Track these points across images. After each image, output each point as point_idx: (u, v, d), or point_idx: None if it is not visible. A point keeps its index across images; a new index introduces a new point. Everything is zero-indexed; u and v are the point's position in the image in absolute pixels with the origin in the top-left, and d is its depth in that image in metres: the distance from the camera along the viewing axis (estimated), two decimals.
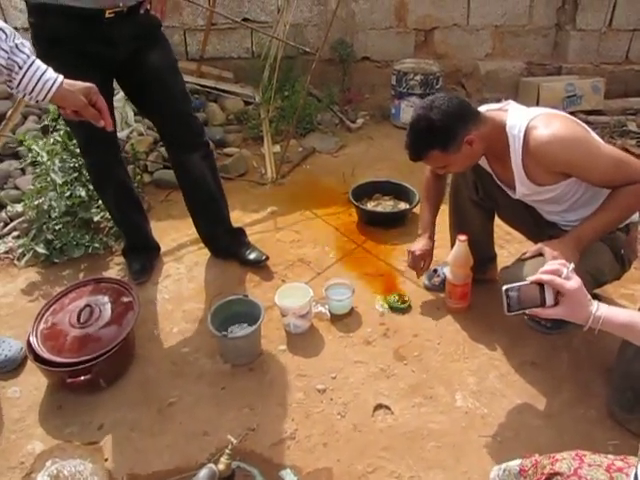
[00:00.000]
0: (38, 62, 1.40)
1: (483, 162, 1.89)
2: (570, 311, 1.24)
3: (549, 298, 1.24)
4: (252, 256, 2.43)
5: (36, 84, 1.38)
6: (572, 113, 1.77)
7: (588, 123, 3.65)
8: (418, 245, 2.14)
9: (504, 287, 1.27)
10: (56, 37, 1.84)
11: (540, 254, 1.69)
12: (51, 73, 1.42)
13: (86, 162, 2.24)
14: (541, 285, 1.25)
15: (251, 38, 4.16)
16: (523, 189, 1.76)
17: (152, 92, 2.07)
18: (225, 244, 2.47)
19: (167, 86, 2.07)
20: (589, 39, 4.17)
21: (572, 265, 1.26)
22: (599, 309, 1.23)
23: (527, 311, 1.28)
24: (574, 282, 1.23)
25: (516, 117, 1.70)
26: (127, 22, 1.88)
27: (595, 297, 2.04)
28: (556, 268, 1.24)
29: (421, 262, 2.13)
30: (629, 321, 1.21)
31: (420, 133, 1.71)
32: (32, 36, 1.88)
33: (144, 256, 2.45)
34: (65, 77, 1.90)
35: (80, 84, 1.46)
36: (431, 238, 2.15)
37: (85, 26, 1.82)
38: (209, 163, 2.28)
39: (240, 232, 2.51)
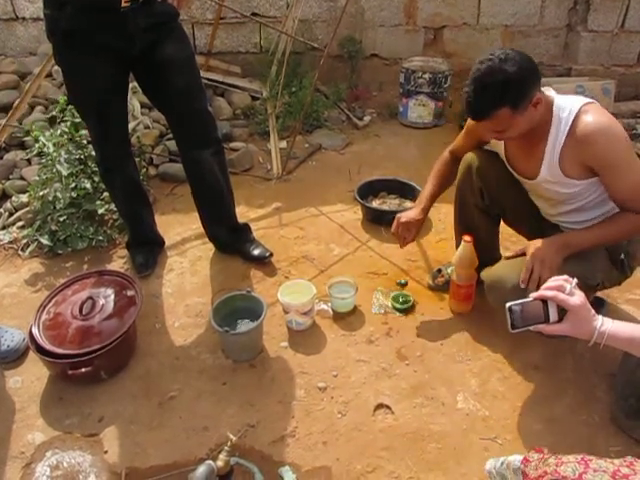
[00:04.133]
0: None
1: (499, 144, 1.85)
2: (574, 327, 1.23)
3: (553, 314, 1.23)
4: (256, 252, 2.42)
5: None
6: None
7: None
8: (407, 213, 2.03)
9: (507, 304, 1.26)
10: (71, 29, 1.84)
11: (524, 254, 1.69)
12: None
13: (97, 154, 2.24)
14: (544, 301, 1.24)
15: (259, 33, 4.15)
16: (547, 175, 1.70)
17: (166, 86, 2.05)
18: (230, 240, 2.47)
19: (182, 80, 2.04)
20: (600, 40, 4.13)
21: (575, 280, 1.25)
22: (604, 324, 1.22)
23: (531, 328, 1.27)
24: (578, 298, 1.22)
25: (566, 99, 1.64)
26: (143, 13, 1.87)
27: (600, 301, 2.05)
28: (560, 284, 1.23)
29: (405, 231, 2.01)
30: (634, 335, 1.20)
31: (492, 87, 1.52)
32: (47, 28, 1.88)
33: (148, 250, 2.45)
34: (80, 69, 1.91)
35: None
36: (424, 210, 2.02)
37: (100, 18, 1.82)
38: (219, 160, 2.26)
39: (245, 228, 2.50)
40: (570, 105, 1.61)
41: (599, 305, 2.02)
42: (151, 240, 2.49)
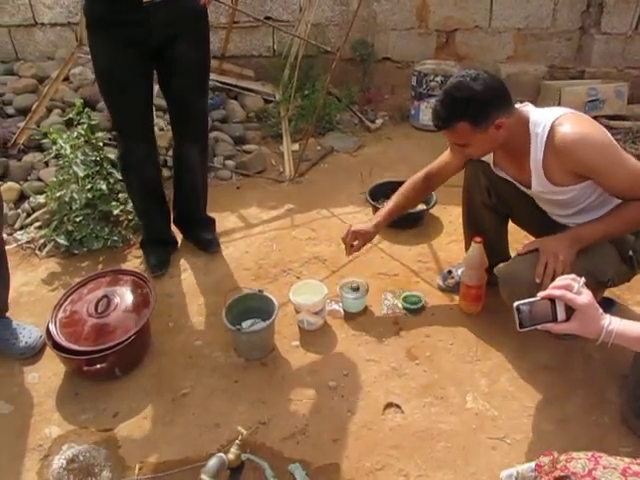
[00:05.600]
0: None
1: (486, 157, 1.89)
2: (582, 326, 1.23)
3: (560, 313, 1.24)
4: (207, 237, 2.57)
5: None
6: (594, 117, 1.76)
7: (610, 128, 3.61)
8: (360, 224, 2.13)
9: (515, 303, 1.27)
10: (99, 22, 1.97)
11: (537, 249, 1.70)
12: None
13: (118, 148, 2.30)
14: (552, 300, 1.24)
15: (273, 37, 4.18)
16: (539, 187, 1.75)
17: (175, 82, 2.15)
18: (195, 228, 2.60)
19: (188, 80, 2.15)
20: (614, 43, 4.11)
21: (583, 279, 1.25)
22: (611, 323, 1.22)
23: (539, 327, 1.27)
24: (585, 297, 1.22)
25: (540, 114, 1.68)
26: (166, 8, 1.96)
27: (610, 302, 2.05)
28: (567, 283, 1.23)
29: (353, 239, 2.08)
30: None
31: (456, 101, 1.62)
32: (87, 22, 2.01)
33: (162, 250, 2.49)
34: (107, 59, 2.01)
35: None
36: (376, 226, 2.10)
37: (124, 10, 1.92)
38: (203, 157, 2.44)
39: (209, 221, 2.63)
40: (544, 120, 1.65)
41: (608, 306, 2.01)
42: (165, 240, 2.53)
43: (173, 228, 2.63)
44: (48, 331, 1.91)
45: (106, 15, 1.95)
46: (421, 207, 2.75)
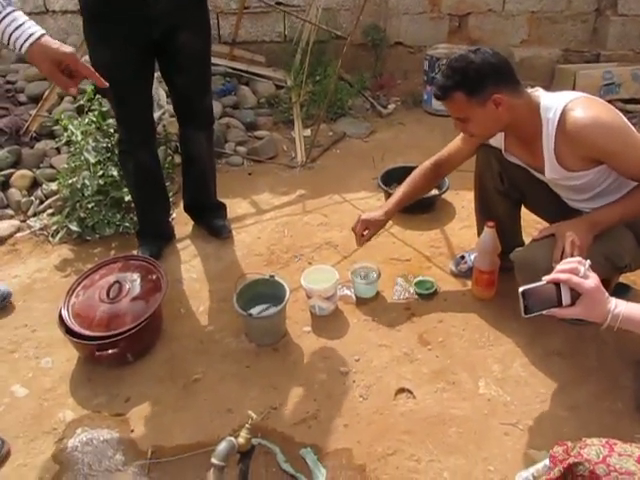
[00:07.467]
0: (17, 14, 1.34)
1: (497, 142, 1.86)
2: (588, 310, 1.21)
3: (566, 297, 1.21)
4: (219, 224, 2.56)
5: (11, 34, 1.32)
6: (609, 101, 1.72)
7: (626, 112, 3.54)
8: (370, 212, 2.10)
9: (520, 289, 1.24)
10: (96, 13, 1.93)
11: (553, 235, 1.68)
12: (29, 29, 1.34)
13: (118, 132, 2.31)
14: (557, 284, 1.22)
15: (284, 22, 4.16)
16: (553, 174, 1.72)
17: (177, 72, 2.13)
18: (205, 213, 2.60)
19: (192, 71, 2.14)
20: (631, 25, 4.04)
21: (588, 262, 1.23)
22: (617, 306, 1.20)
23: (544, 312, 1.25)
24: (591, 281, 1.19)
25: (551, 99, 1.66)
26: None
27: (625, 287, 2.02)
28: (573, 267, 1.21)
29: (363, 229, 2.06)
30: None
31: (454, 70, 1.64)
32: (81, 13, 1.98)
33: (153, 242, 2.45)
34: (104, 55, 1.93)
35: (58, 49, 1.36)
36: (387, 213, 2.07)
37: (122, 2, 1.88)
38: (209, 143, 2.45)
39: (221, 206, 2.63)
40: (555, 105, 1.63)
41: (624, 291, 1.99)
42: (158, 233, 2.50)
43: (184, 215, 2.64)
44: (61, 317, 1.92)
45: (102, 8, 1.90)
46: (433, 192, 2.73)
